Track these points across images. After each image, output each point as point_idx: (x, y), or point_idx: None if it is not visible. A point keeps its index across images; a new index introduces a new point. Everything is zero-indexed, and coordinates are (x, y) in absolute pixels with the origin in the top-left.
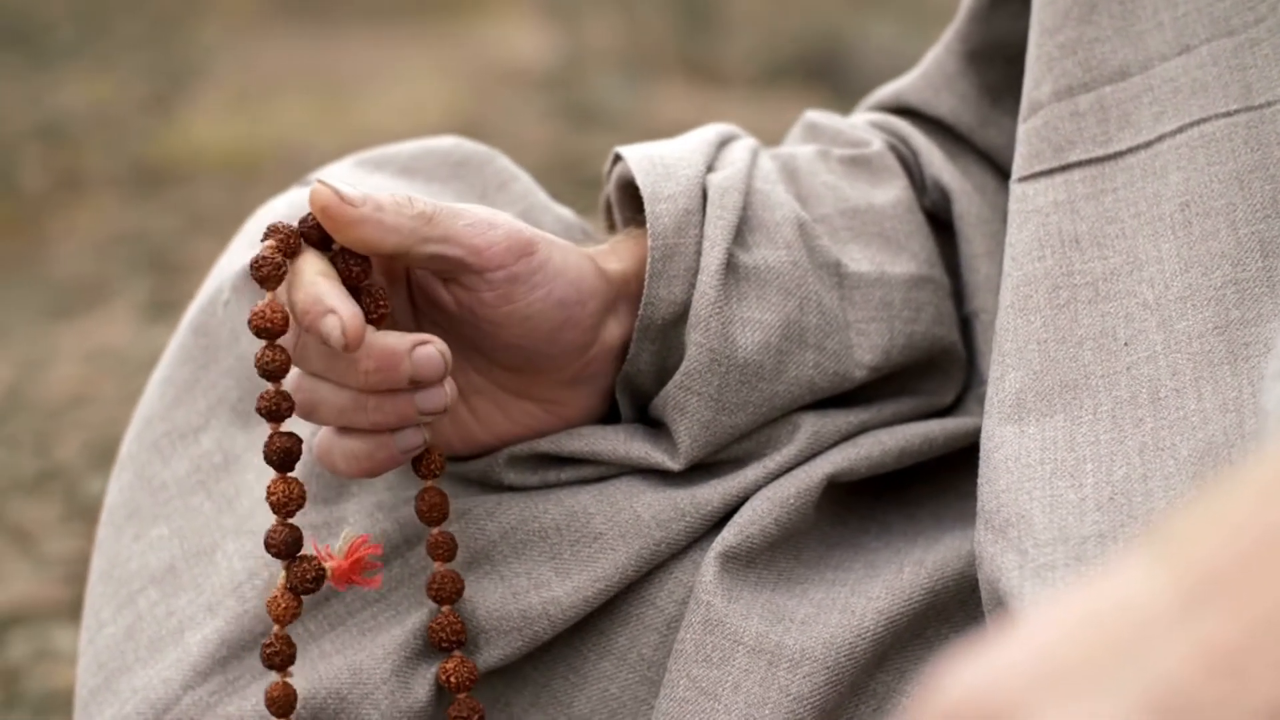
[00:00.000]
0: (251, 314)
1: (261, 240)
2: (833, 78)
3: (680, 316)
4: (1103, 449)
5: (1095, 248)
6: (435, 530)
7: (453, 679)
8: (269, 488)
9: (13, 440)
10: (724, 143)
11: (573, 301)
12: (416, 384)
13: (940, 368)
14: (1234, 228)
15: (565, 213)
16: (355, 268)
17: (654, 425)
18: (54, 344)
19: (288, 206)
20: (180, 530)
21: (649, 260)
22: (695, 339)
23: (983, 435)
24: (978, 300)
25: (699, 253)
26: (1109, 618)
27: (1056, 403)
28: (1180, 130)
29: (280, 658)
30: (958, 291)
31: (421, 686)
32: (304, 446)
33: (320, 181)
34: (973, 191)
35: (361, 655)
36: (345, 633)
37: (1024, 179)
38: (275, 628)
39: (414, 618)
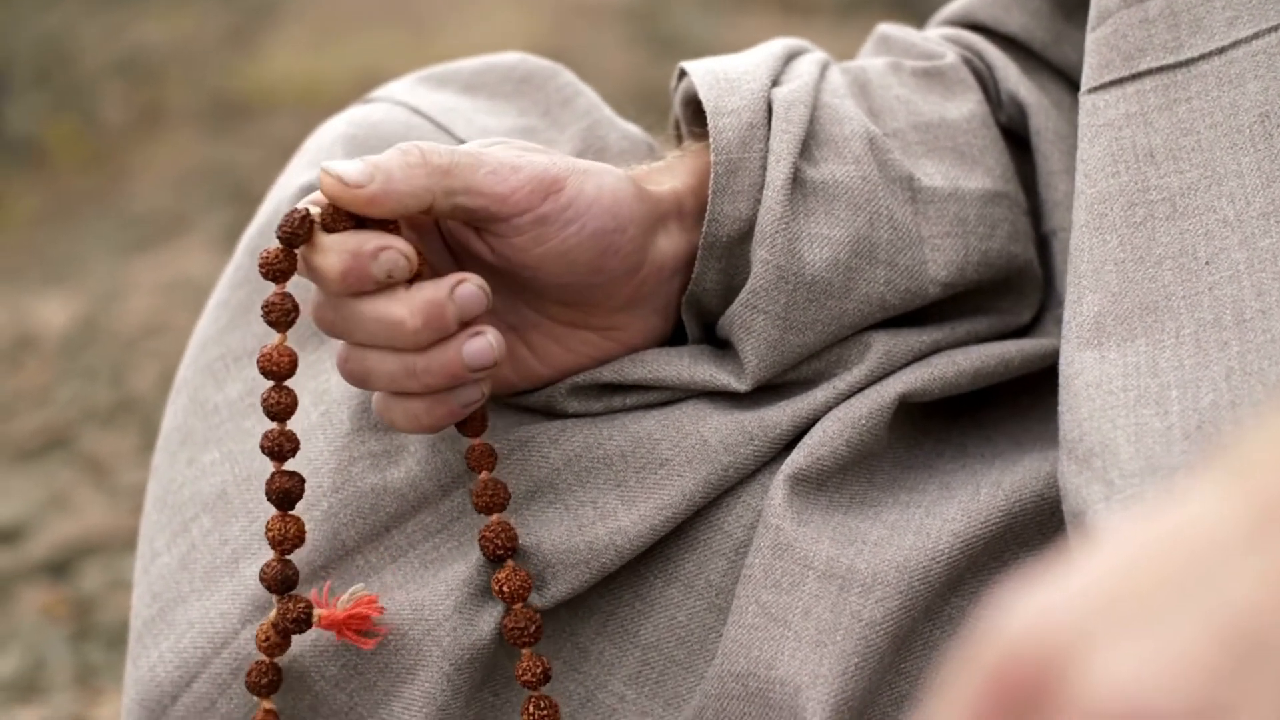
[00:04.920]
0: (260, 355)
1: (262, 272)
2: (918, 5)
3: (746, 233)
4: (1187, 374)
5: (1171, 161)
6: (476, 441)
7: (505, 589)
8: (268, 524)
9: (89, 371)
10: (791, 56)
11: (610, 230)
12: (464, 325)
13: (1016, 286)
14: None
15: (631, 129)
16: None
17: (720, 346)
18: (132, 276)
19: (347, 125)
20: (231, 454)
21: (712, 176)
22: (761, 256)
23: (1061, 361)
24: (1056, 218)
25: (764, 168)
26: (1175, 545)
27: (1137, 326)
28: (1256, 36)
29: (261, 685)
30: (1035, 209)
31: (486, 623)
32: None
33: (324, 170)
34: (1050, 107)
35: (424, 591)
36: (407, 564)
37: (1094, 90)
38: (260, 656)
39: (478, 552)
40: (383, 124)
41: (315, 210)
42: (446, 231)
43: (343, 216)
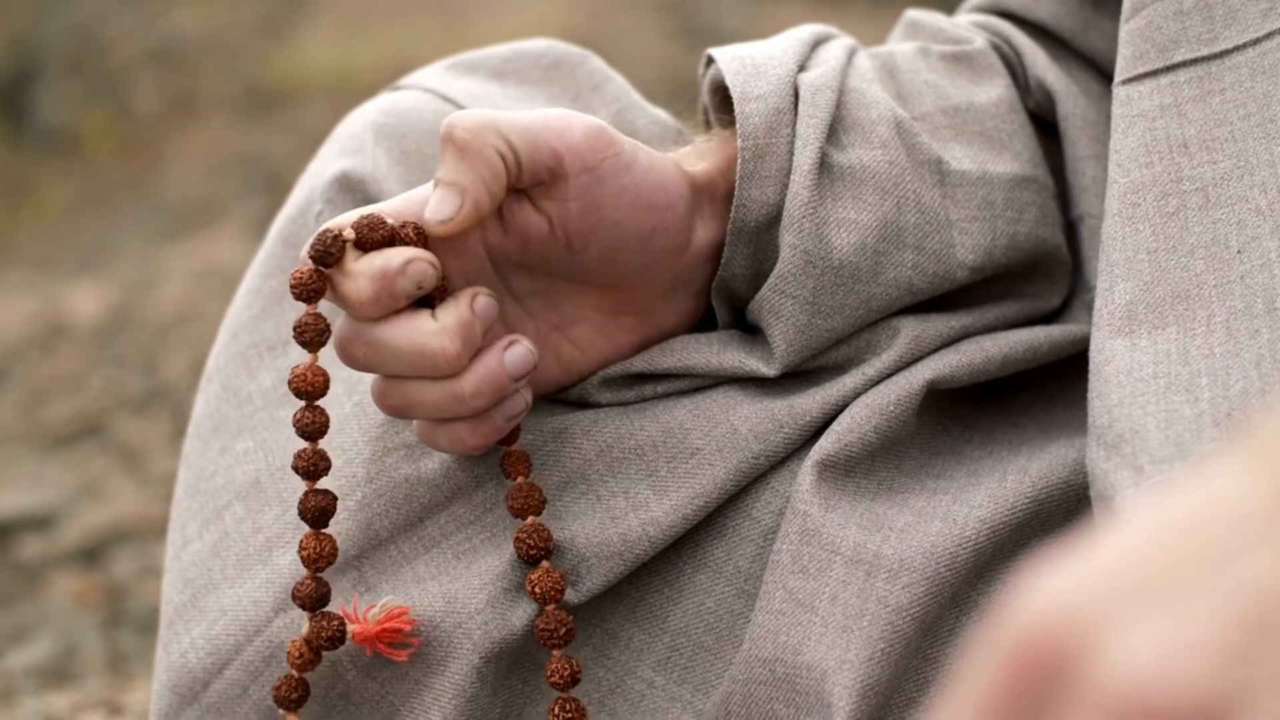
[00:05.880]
0: (291, 375)
1: (294, 293)
2: None
3: (774, 218)
4: (1218, 362)
5: (1204, 152)
6: (513, 448)
7: (538, 589)
8: (301, 542)
9: (121, 359)
10: (818, 42)
11: (661, 205)
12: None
13: (1044, 271)
14: None
15: (661, 114)
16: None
17: (749, 331)
18: (164, 264)
19: (377, 112)
20: (265, 443)
21: (740, 161)
22: (789, 240)
23: (1092, 348)
24: (1083, 204)
25: (791, 153)
26: (1195, 527)
27: (1168, 314)
28: None
29: (291, 700)
30: (1063, 195)
31: (518, 619)
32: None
33: (423, 224)
34: (1078, 94)
35: (457, 584)
36: (440, 555)
37: (1128, 81)
38: (290, 671)
39: (511, 546)
40: (412, 111)
41: (349, 231)
42: (497, 217)
43: (379, 225)
